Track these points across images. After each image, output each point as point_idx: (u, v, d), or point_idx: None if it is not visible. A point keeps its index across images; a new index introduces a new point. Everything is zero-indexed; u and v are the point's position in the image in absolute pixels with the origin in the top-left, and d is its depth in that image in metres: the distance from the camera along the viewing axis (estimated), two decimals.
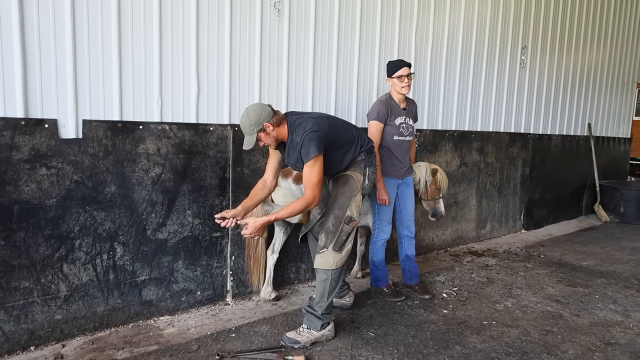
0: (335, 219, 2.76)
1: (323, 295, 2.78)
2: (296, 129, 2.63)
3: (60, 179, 2.62)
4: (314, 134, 2.56)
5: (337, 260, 2.77)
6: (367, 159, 2.90)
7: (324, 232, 2.78)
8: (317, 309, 2.78)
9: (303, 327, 2.80)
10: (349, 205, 2.78)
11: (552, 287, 3.91)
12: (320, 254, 2.77)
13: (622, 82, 7.67)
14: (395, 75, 3.25)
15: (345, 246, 2.79)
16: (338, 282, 2.82)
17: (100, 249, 2.80)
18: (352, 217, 2.80)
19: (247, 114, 2.61)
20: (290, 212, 2.63)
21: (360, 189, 2.86)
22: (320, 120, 2.68)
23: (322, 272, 2.78)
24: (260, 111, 2.59)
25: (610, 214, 6.96)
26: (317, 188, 2.64)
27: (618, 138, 7.84)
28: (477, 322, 3.18)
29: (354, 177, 2.82)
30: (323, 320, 2.79)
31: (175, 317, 3.10)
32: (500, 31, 5.27)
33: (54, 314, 2.68)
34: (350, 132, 2.84)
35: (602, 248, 5.30)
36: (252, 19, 3.29)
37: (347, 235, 2.79)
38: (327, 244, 2.75)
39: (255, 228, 2.60)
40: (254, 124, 2.58)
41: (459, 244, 5.18)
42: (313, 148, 2.54)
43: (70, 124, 2.63)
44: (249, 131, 2.61)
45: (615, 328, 3.15)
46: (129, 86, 2.83)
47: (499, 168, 5.54)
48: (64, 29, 2.55)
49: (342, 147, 2.78)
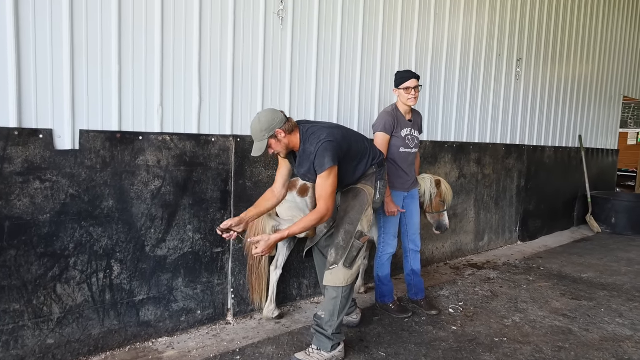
0: (345, 234, 2.65)
1: (333, 314, 2.65)
2: (309, 138, 2.52)
3: (55, 192, 2.45)
4: (329, 144, 2.46)
5: (348, 277, 2.65)
6: (379, 172, 2.81)
7: (334, 248, 2.66)
8: (327, 328, 2.65)
9: (313, 348, 2.67)
10: (360, 219, 2.68)
11: (557, 301, 3.86)
12: (330, 271, 2.65)
13: (610, 94, 7.79)
14: (403, 86, 3.18)
15: (356, 262, 2.68)
16: (349, 300, 2.71)
17: (96, 267, 2.64)
18: (363, 232, 2.69)
19: (259, 118, 2.49)
20: (304, 227, 2.51)
21: (372, 203, 2.76)
22: (334, 130, 2.59)
23: (332, 289, 2.66)
24: (273, 116, 2.48)
25: (602, 224, 7.01)
26: (331, 200, 2.54)
27: (606, 150, 7.94)
28: (487, 338, 3.09)
29: (365, 191, 2.73)
30: (334, 340, 2.66)
31: (175, 338, 2.93)
32: (497, 43, 5.27)
33: (46, 338, 2.49)
34: (362, 144, 2.75)
35: (599, 260, 5.29)
36: (255, 27, 3.19)
37: (358, 251, 2.67)
38: (338, 260, 2.63)
39: (268, 246, 2.47)
40: (266, 130, 2.47)
41: (458, 256, 5.12)
42: (328, 159, 2.44)
43: (66, 135, 2.48)
44: (260, 137, 2.49)
45: (626, 343, 3.09)
46: (129, 95, 2.69)
47: (496, 179, 5.52)
48: (62, 34, 2.41)
49: (355, 159, 2.68)
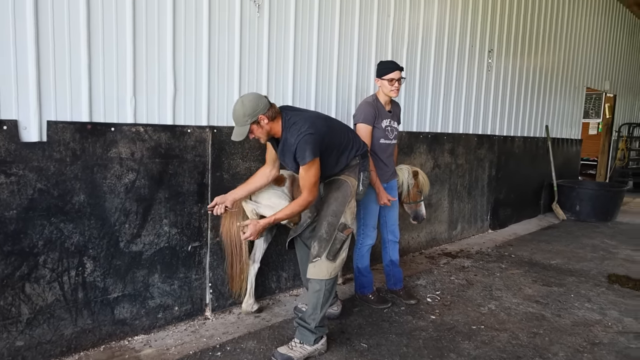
0: (329, 226, 2.62)
1: (316, 307, 2.63)
2: (291, 128, 2.49)
3: (22, 187, 2.31)
4: (309, 137, 2.42)
5: (331, 269, 2.63)
6: (362, 163, 2.79)
7: (317, 240, 2.63)
8: (310, 321, 2.63)
9: (295, 342, 2.65)
10: (344, 211, 2.66)
11: (529, 288, 3.97)
12: (313, 263, 2.62)
13: (574, 85, 8.03)
14: (387, 77, 3.15)
15: (339, 255, 2.65)
16: (332, 293, 2.69)
17: (67, 264, 2.52)
18: (347, 224, 2.67)
19: (242, 102, 2.45)
20: (290, 213, 2.52)
21: (355, 195, 2.74)
22: (316, 120, 2.55)
23: (315, 282, 2.63)
24: (257, 101, 2.44)
25: (567, 212, 7.26)
26: (315, 188, 2.56)
27: (571, 139, 8.21)
28: (466, 327, 3.14)
29: (348, 182, 2.70)
30: (316, 334, 2.64)
31: (152, 335, 2.85)
32: (470, 34, 5.33)
33: (15, 340, 2.37)
34: (346, 135, 2.72)
35: (566, 246, 5.48)
36: (231, 15, 3.09)
37: (342, 243, 2.65)
38: (321, 252, 2.60)
39: (257, 231, 2.49)
40: (249, 115, 2.43)
41: (433, 245, 5.19)
42: (309, 152, 2.41)
43: (32, 126, 2.33)
44: (242, 122, 2.45)
45: (596, 327, 3.21)
46: (100, 84, 2.56)
47: (468, 169, 5.61)
48: (25, 18, 2.26)
49: (337, 150, 2.66)
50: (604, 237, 6.01)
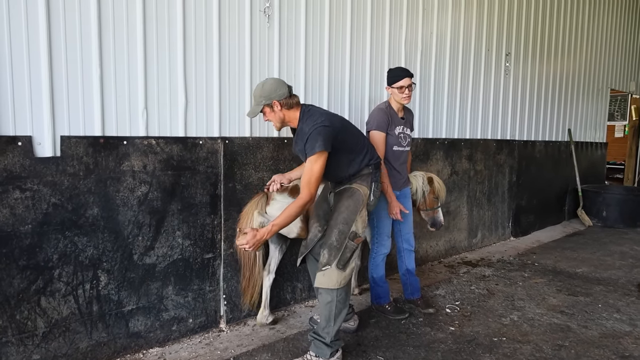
0: (339, 234, 2.57)
1: (329, 320, 2.57)
2: (307, 119, 2.54)
3: (37, 202, 2.35)
4: (323, 128, 2.44)
5: (341, 279, 2.56)
6: (374, 173, 2.73)
7: (327, 248, 2.57)
8: (325, 335, 2.57)
9: (310, 355, 2.60)
10: (355, 220, 2.60)
11: (553, 297, 3.83)
12: (322, 272, 2.55)
13: (597, 88, 7.82)
14: (396, 85, 3.11)
15: (349, 264, 2.59)
16: (345, 304, 2.62)
17: (82, 278, 2.53)
18: (358, 233, 2.61)
19: (263, 85, 2.57)
20: (288, 217, 2.43)
21: (366, 204, 2.69)
22: (334, 117, 2.60)
23: (325, 293, 2.57)
24: (276, 87, 2.54)
25: (593, 218, 7.02)
26: (315, 186, 2.48)
27: (595, 143, 7.97)
28: (486, 339, 3.04)
29: (360, 191, 2.65)
30: (332, 347, 2.58)
31: (166, 348, 2.84)
32: (486, 38, 5.24)
33: (31, 354, 2.39)
34: (361, 141, 2.72)
35: (592, 254, 5.29)
36: (241, 26, 3.10)
37: (352, 252, 2.59)
38: (331, 260, 2.54)
39: (256, 240, 2.37)
40: (265, 97, 2.54)
41: (452, 254, 5.08)
42: (320, 142, 2.40)
43: (46, 141, 2.37)
44: (258, 101, 2.57)
45: (625, 339, 3.07)
46: (112, 99, 2.59)
47: (487, 175, 5.48)
48: (39, 35, 2.30)
49: (351, 152, 2.64)
50: (632, 244, 5.78)
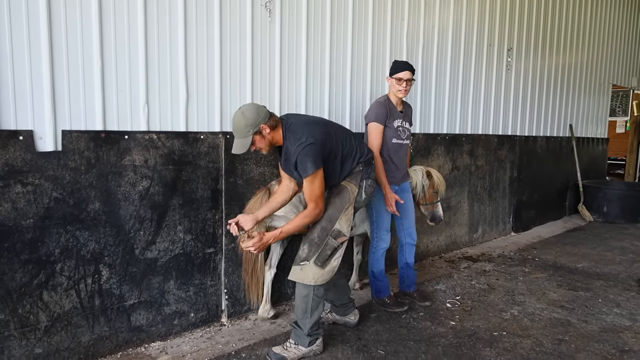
0: (321, 230, 2.56)
1: (306, 312, 2.59)
2: (290, 136, 2.44)
3: (38, 196, 2.35)
4: (309, 147, 2.37)
5: (318, 276, 2.54)
6: (365, 170, 2.69)
7: (307, 243, 2.56)
8: (303, 326, 2.61)
9: (290, 342, 2.65)
10: (339, 218, 2.58)
11: (553, 292, 3.84)
12: (299, 266, 2.55)
13: (599, 83, 7.79)
14: (395, 76, 3.12)
15: (329, 262, 2.57)
16: (322, 299, 2.63)
17: (84, 272, 2.54)
18: (341, 231, 2.58)
19: (243, 113, 2.39)
20: (297, 226, 2.46)
21: (353, 202, 2.66)
22: (316, 128, 2.49)
23: (302, 286, 2.58)
24: (257, 111, 2.40)
25: (594, 213, 7.02)
26: (321, 200, 2.50)
27: (597, 138, 7.95)
28: (487, 333, 3.05)
29: (348, 189, 2.64)
30: (311, 337, 2.63)
31: (168, 342, 2.85)
32: (487, 33, 5.22)
33: (34, 347, 2.40)
34: (349, 141, 2.66)
35: (593, 249, 5.30)
36: (242, 20, 3.09)
37: (333, 250, 2.57)
38: (309, 256, 2.54)
39: (262, 244, 2.40)
40: (251, 125, 2.37)
41: (453, 249, 5.09)
42: (310, 164, 2.36)
43: (48, 136, 2.37)
44: (244, 132, 2.39)
45: (625, 334, 3.08)
46: (113, 93, 2.58)
47: (488, 171, 5.48)
48: (39, 28, 2.30)
49: (341, 156, 2.60)
50: (633, 239, 5.79)
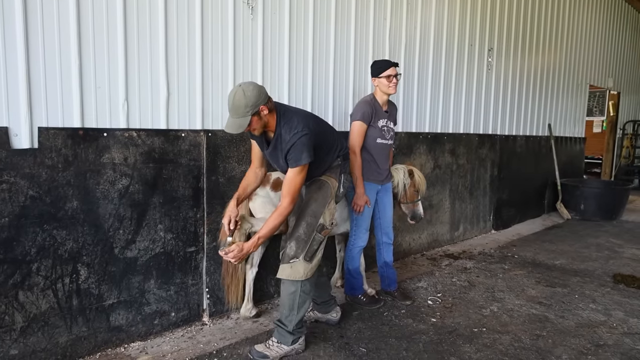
0: (307, 226, 2.57)
1: (292, 309, 2.60)
2: (285, 124, 2.41)
3: (14, 195, 2.30)
4: (306, 138, 2.37)
5: (307, 270, 2.57)
6: (343, 165, 2.74)
7: (295, 240, 2.57)
8: (288, 324, 2.61)
9: (273, 341, 2.64)
10: (323, 212, 2.60)
11: (532, 289, 3.91)
12: (289, 264, 2.56)
13: (577, 83, 7.95)
14: (384, 74, 3.13)
15: (316, 256, 2.60)
16: (309, 295, 2.65)
17: (61, 272, 2.49)
18: (325, 225, 2.61)
19: (244, 92, 2.25)
20: (272, 228, 2.45)
21: (334, 196, 2.69)
22: (309, 120, 2.51)
23: (289, 283, 2.58)
24: (259, 91, 2.29)
25: (572, 211, 7.17)
26: (297, 195, 2.50)
27: (574, 137, 8.12)
28: (467, 329, 3.09)
29: (329, 183, 2.66)
30: (295, 335, 2.63)
31: (148, 342, 2.82)
32: (469, 33, 5.28)
33: (9, 348, 2.35)
34: (332, 135, 2.70)
35: (570, 246, 5.41)
36: (224, 18, 3.07)
37: (319, 245, 2.60)
38: (298, 253, 2.55)
39: (242, 255, 2.40)
40: (251, 105, 2.26)
41: (435, 247, 5.14)
42: (305, 154, 2.36)
43: (23, 133, 2.32)
44: (242, 112, 2.26)
45: (600, 328, 3.15)
46: (91, 90, 2.54)
47: (470, 169, 5.55)
48: (14, 24, 2.24)
49: (324, 151, 2.62)
50: (609, 236, 5.93)
